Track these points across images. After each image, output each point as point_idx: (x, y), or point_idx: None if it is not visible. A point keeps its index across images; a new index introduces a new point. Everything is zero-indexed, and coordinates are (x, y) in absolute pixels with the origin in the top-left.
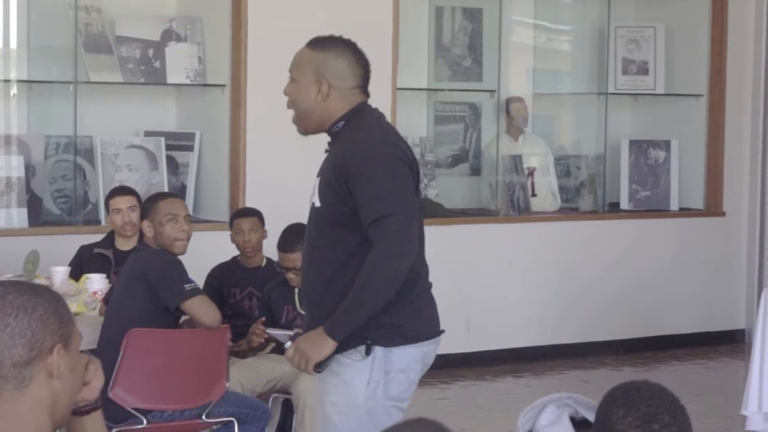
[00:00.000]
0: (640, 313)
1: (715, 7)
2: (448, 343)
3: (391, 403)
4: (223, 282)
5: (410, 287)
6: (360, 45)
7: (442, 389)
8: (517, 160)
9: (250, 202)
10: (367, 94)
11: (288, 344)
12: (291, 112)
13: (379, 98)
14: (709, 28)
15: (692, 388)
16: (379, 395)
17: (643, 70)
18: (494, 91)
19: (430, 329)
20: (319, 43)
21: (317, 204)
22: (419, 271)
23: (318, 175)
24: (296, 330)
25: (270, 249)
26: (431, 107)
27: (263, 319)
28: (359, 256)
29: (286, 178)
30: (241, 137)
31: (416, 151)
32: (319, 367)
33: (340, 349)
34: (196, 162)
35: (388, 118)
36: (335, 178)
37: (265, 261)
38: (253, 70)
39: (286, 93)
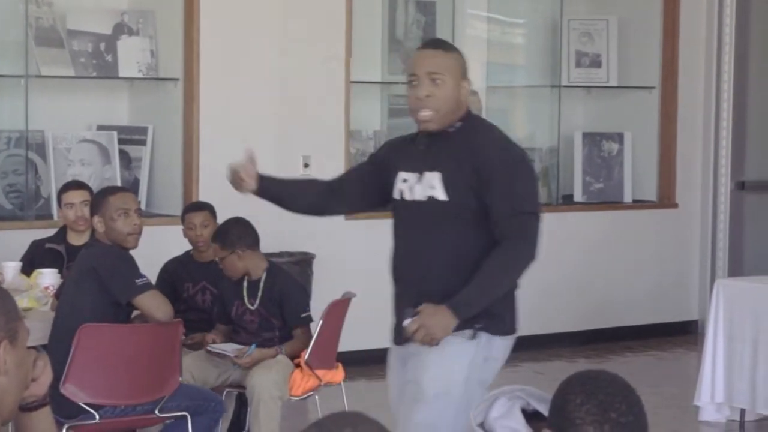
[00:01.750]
0: (594, 305)
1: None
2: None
3: (480, 388)
4: (176, 276)
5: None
6: (313, 39)
7: None
8: None
9: (203, 196)
10: None
11: (407, 321)
12: (425, 109)
13: (333, 91)
14: (661, 20)
15: (646, 379)
16: (474, 378)
17: (596, 62)
18: None
19: (516, 325)
20: (448, 46)
21: (441, 198)
22: None
23: (430, 169)
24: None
25: None
26: (385, 100)
27: (213, 338)
28: (478, 249)
29: None
30: (194, 131)
31: (370, 145)
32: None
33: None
34: (149, 156)
35: (342, 111)
36: (470, 175)
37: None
38: (206, 64)
39: (429, 95)
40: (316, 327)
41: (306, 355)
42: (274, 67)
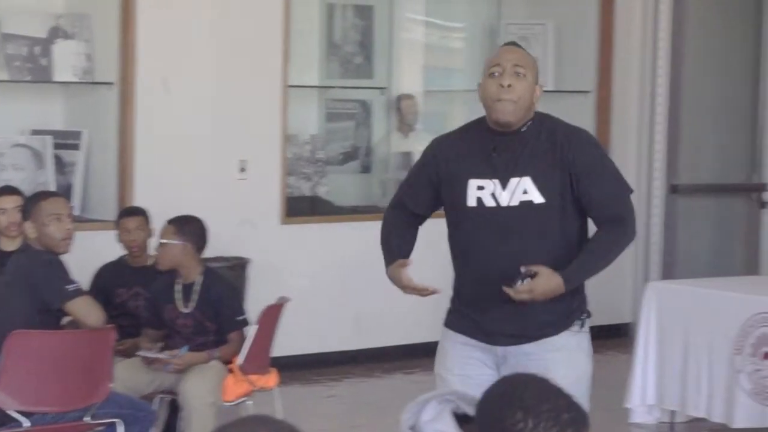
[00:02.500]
0: None
1: (603, 4)
2: (337, 340)
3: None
4: (109, 282)
5: None
6: (251, 42)
7: (330, 387)
8: (407, 158)
9: (139, 201)
10: None
11: (519, 284)
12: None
13: (270, 96)
14: (597, 25)
15: None
16: (592, 364)
17: None
18: (385, 88)
19: None
20: (527, 51)
21: (538, 200)
22: None
23: (515, 174)
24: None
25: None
26: (322, 105)
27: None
28: (575, 244)
29: (176, 177)
30: (130, 135)
31: (307, 149)
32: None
33: (567, 325)
34: (84, 161)
35: (279, 116)
36: (561, 172)
37: (151, 260)
38: (143, 68)
39: (511, 84)
40: (249, 332)
41: (239, 360)
42: (210, 72)
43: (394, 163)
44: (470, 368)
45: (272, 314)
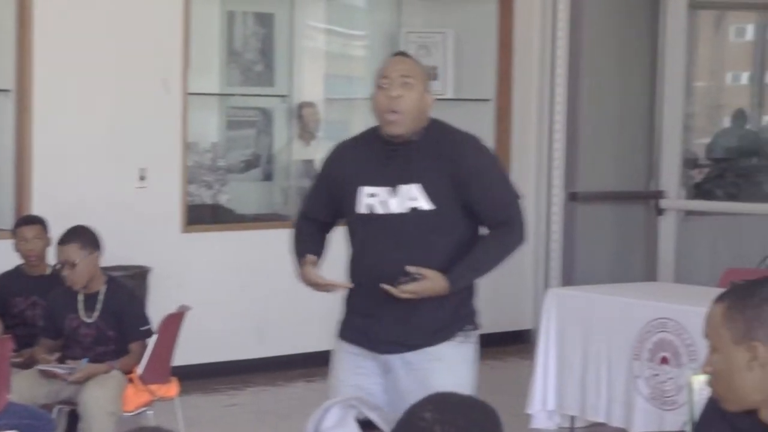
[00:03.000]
0: None
1: (501, 13)
2: (239, 349)
3: (474, 384)
4: (6, 291)
5: None
6: (150, 50)
7: (232, 396)
8: (309, 166)
9: (37, 210)
10: None
11: (405, 280)
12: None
13: (170, 103)
14: (496, 33)
15: (480, 387)
16: (475, 376)
17: (433, 75)
18: (286, 96)
19: None
20: (413, 57)
21: (426, 207)
22: None
23: (406, 182)
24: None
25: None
26: (223, 112)
27: (44, 356)
28: (464, 249)
29: (75, 185)
30: (27, 143)
31: (208, 157)
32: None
33: (449, 335)
34: None
35: (179, 123)
36: (453, 180)
37: (49, 269)
38: (40, 74)
39: (400, 95)
40: (150, 341)
41: (139, 369)
42: (110, 78)
43: (296, 171)
44: (362, 378)
45: (173, 323)
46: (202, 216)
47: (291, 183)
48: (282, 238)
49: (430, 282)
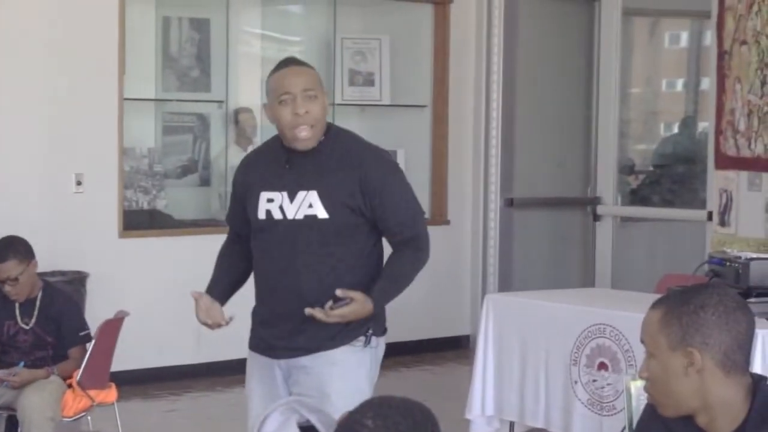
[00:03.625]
0: None
1: (437, 19)
2: (178, 355)
3: (371, 390)
4: None
5: None
6: (85, 55)
7: (172, 401)
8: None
9: None
10: None
11: (331, 307)
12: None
13: (106, 108)
14: (432, 39)
15: (419, 393)
16: (372, 382)
17: (369, 81)
18: (222, 101)
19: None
20: (304, 62)
21: (322, 215)
22: None
23: (303, 188)
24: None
25: None
26: (159, 118)
27: None
28: (364, 264)
29: (12, 191)
30: None
31: (144, 162)
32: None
33: (347, 339)
34: None
35: (115, 128)
36: (353, 191)
37: None
38: None
39: (308, 111)
40: (88, 346)
41: (78, 375)
42: (45, 83)
43: (233, 177)
44: (269, 386)
45: (111, 328)
46: (140, 221)
47: (228, 188)
48: (219, 243)
49: (358, 305)
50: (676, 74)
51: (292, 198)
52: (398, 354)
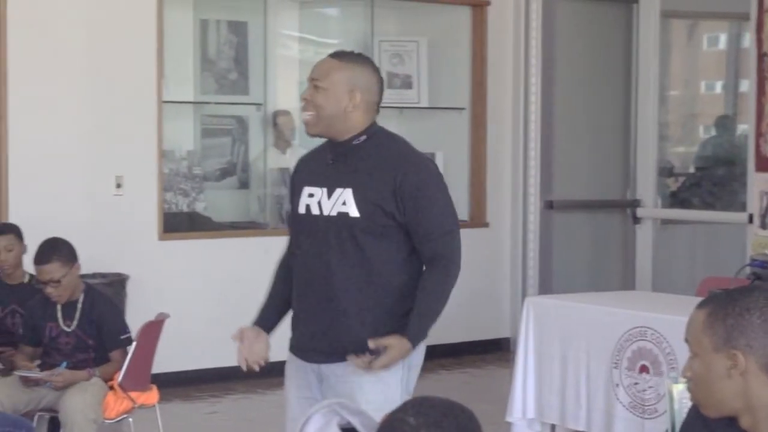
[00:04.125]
0: None
1: (475, 22)
2: (218, 357)
3: (407, 396)
4: None
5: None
6: (124, 58)
7: (212, 403)
8: (285, 173)
9: (13, 216)
10: (378, 112)
11: (370, 358)
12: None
13: (145, 111)
14: (469, 42)
15: (459, 396)
16: (405, 390)
17: (407, 83)
18: (261, 104)
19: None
20: (348, 56)
21: (354, 214)
22: None
23: (340, 185)
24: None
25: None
26: (198, 120)
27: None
28: (390, 264)
29: (52, 193)
30: (3, 150)
31: (183, 165)
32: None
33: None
34: None
35: (155, 131)
36: (388, 194)
37: (27, 277)
38: (14, 82)
39: (307, 99)
40: (129, 349)
41: (120, 377)
42: (85, 87)
43: (272, 179)
44: (305, 389)
45: (152, 331)
46: (179, 224)
47: (267, 191)
48: (258, 246)
49: (395, 350)
50: (714, 76)
51: (330, 194)
52: (438, 357)
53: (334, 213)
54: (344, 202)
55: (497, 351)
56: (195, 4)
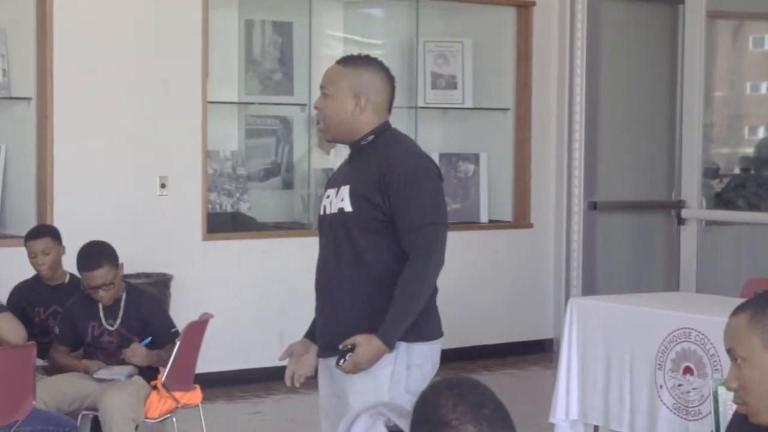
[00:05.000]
0: (450, 325)
1: (519, 23)
2: (262, 357)
3: (409, 396)
4: (26, 301)
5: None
6: (169, 59)
7: (255, 403)
8: (328, 174)
9: (58, 218)
10: (390, 111)
11: (342, 361)
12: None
13: (190, 112)
14: (514, 43)
15: (502, 397)
16: (400, 388)
17: (452, 84)
18: (305, 105)
19: (439, 329)
20: (352, 61)
21: (348, 209)
22: None
23: (344, 183)
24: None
25: (72, 264)
26: (242, 121)
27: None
28: (386, 260)
29: (96, 193)
30: (48, 150)
31: (228, 165)
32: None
33: None
34: (1, 176)
35: (199, 131)
36: (374, 187)
37: (68, 277)
38: (60, 82)
39: (318, 107)
40: (173, 348)
41: (163, 376)
42: (129, 87)
43: (315, 180)
44: (327, 386)
45: (196, 331)
46: (223, 224)
47: (310, 191)
48: (301, 246)
49: (364, 348)
50: (760, 77)
51: (337, 193)
52: (481, 357)
53: (335, 210)
54: (342, 199)
55: (540, 352)
56: (240, 4)
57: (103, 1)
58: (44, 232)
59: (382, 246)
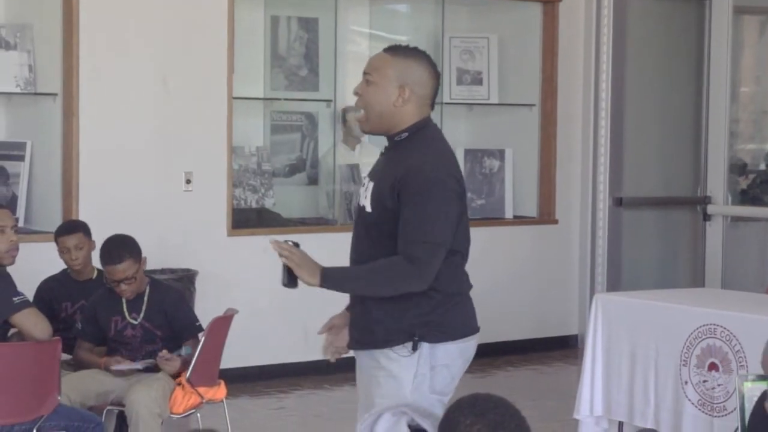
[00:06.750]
0: None
1: (545, 18)
2: (286, 353)
3: (436, 396)
4: (54, 296)
5: (456, 289)
6: (195, 55)
7: (280, 399)
8: (354, 170)
9: (82, 212)
10: (433, 107)
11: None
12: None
13: (215, 108)
14: (540, 38)
15: (527, 393)
16: (424, 389)
17: (477, 80)
18: (331, 100)
19: (470, 327)
20: (401, 51)
21: (368, 209)
22: (464, 274)
23: (372, 179)
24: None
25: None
26: (268, 116)
27: (118, 359)
28: None
29: (122, 188)
30: (74, 146)
31: (253, 161)
32: (289, 280)
33: (389, 344)
34: (28, 172)
35: (224, 127)
36: (390, 192)
37: (96, 273)
38: (86, 78)
39: (358, 93)
40: (198, 344)
41: (188, 372)
42: (155, 83)
43: (341, 176)
44: (359, 378)
45: (220, 326)
46: (248, 219)
47: (336, 187)
48: (327, 242)
49: (304, 261)
50: None
51: (366, 187)
52: (506, 353)
53: (362, 205)
54: (366, 196)
55: (565, 348)
56: (266, 0)
57: None
58: (76, 228)
59: (392, 248)
